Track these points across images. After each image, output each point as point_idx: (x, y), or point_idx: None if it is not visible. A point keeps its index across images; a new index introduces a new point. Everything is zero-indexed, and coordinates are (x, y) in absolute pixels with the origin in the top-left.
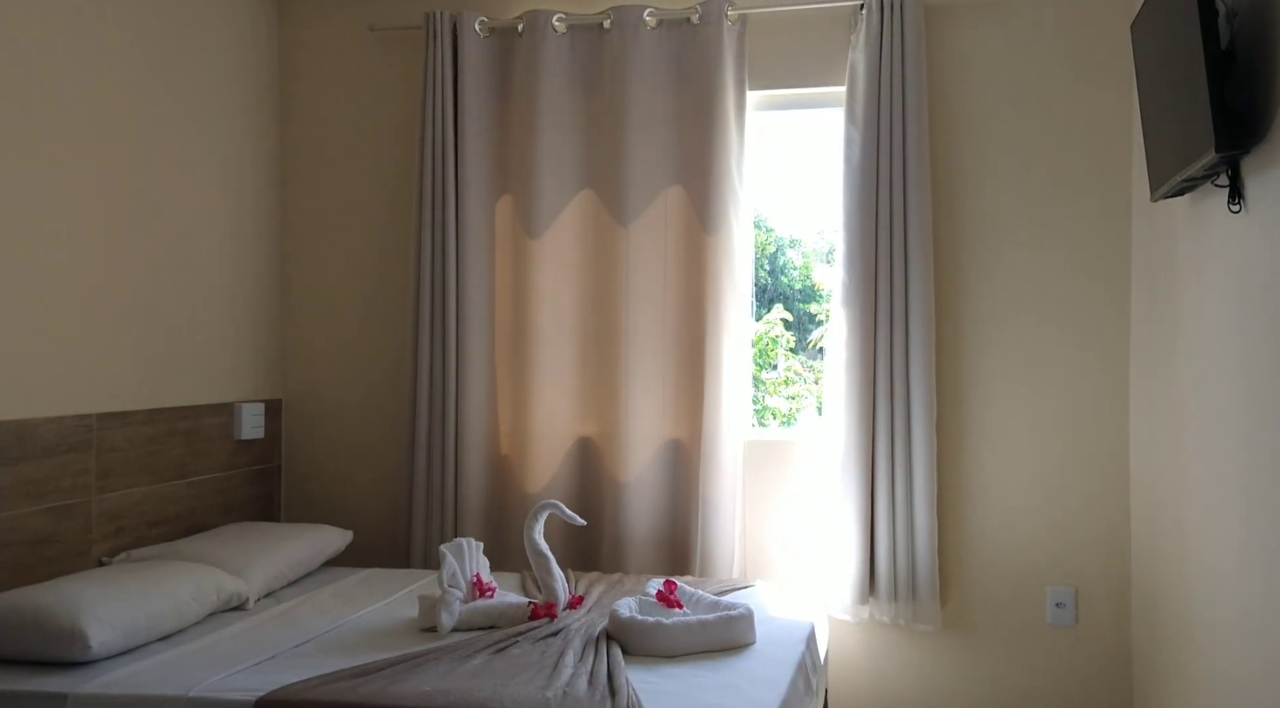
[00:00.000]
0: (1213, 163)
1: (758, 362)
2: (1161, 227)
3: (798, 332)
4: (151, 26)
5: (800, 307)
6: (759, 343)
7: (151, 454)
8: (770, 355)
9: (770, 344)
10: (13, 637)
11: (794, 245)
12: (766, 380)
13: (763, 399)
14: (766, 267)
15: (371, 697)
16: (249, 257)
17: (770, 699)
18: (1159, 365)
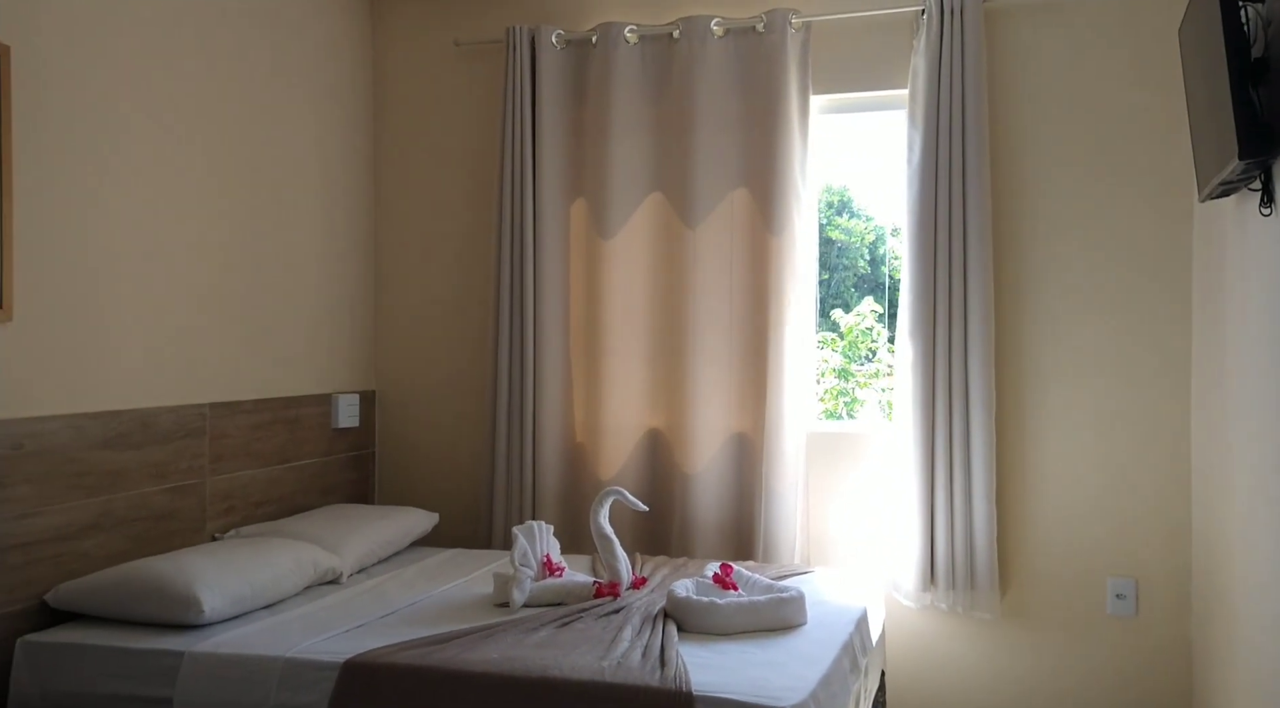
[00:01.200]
0: (1243, 167)
1: (847, 354)
2: (1214, 226)
3: (892, 325)
4: (256, 49)
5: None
6: (849, 334)
7: (257, 441)
8: (860, 348)
9: (862, 335)
10: (137, 601)
11: (895, 234)
12: (857, 373)
13: (853, 392)
14: (866, 256)
15: (445, 662)
16: (345, 259)
17: (811, 675)
18: (1217, 361)
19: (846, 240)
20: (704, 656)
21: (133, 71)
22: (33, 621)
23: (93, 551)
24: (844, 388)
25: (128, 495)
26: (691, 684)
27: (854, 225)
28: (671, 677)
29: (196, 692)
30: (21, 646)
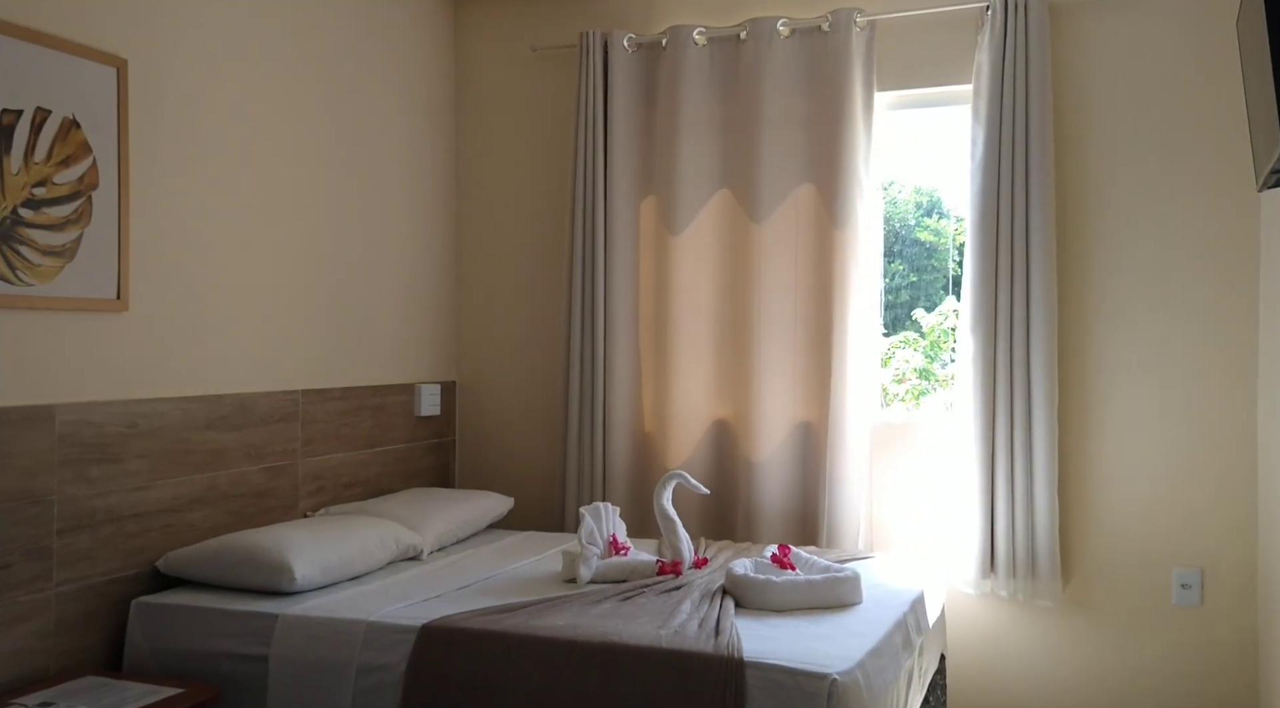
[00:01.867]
0: None
1: (929, 354)
2: (1277, 216)
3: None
4: (347, 57)
5: None
6: (930, 334)
7: (345, 426)
8: (942, 348)
9: (944, 336)
10: (237, 569)
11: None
12: (939, 373)
13: (934, 391)
14: (956, 257)
15: (513, 627)
16: (428, 256)
17: (857, 649)
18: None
19: (935, 241)
20: (758, 628)
21: (235, 81)
22: (145, 584)
23: (198, 522)
24: (926, 388)
25: (229, 473)
26: (743, 652)
27: (943, 226)
28: (724, 644)
29: (289, 650)
30: (135, 606)
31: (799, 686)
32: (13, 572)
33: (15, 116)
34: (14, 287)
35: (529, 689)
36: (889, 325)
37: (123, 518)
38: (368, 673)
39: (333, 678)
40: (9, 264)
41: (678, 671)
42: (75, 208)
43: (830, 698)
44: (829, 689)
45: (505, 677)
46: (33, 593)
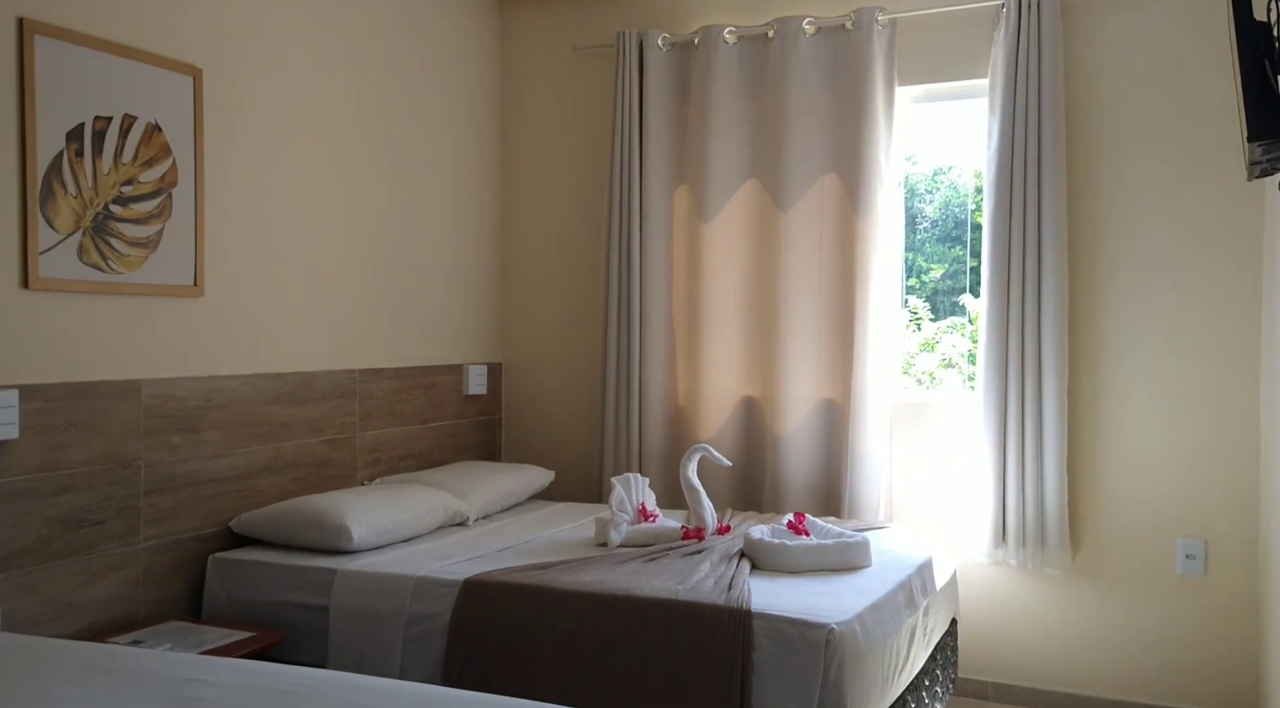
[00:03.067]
0: (1262, 148)
1: (975, 338)
2: (1276, 203)
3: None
4: (400, 57)
5: None
6: (975, 320)
7: (399, 403)
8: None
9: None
10: (300, 530)
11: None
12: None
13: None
14: None
15: (546, 581)
16: (475, 246)
17: (858, 604)
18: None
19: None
20: (770, 586)
21: (298, 86)
22: (220, 542)
23: (266, 488)
24: (972, 372)
25: (293, 444)
26: (751, 604)
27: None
28: (735, 598)
29: (347, 601)
30: (212, 561)
31: (801, 634)
32: (106, 527)
33: (106, 123)
34: (106, 275)
35: (558, 636)
36: (949, 310)
37: (200, 482)
38: (416, 622)
39: (385, 626)
40: (101, 255)
41: (692, 620)
42: (158, 204)
43: (828, 646)
44: (827, 638)
45: (538, 625)
46: (124, 546)
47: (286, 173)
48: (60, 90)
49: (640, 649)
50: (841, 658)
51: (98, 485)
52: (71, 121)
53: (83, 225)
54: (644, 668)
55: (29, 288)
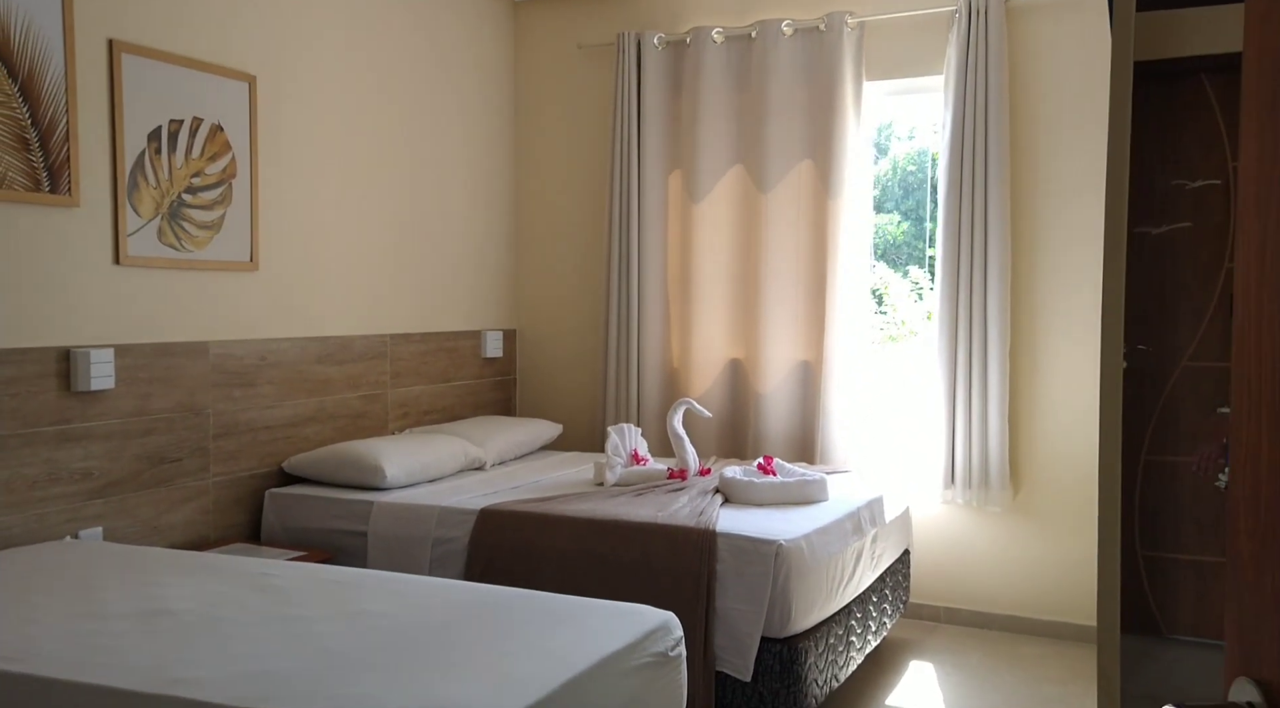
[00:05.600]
0: None
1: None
2: None
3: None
4: (423, 57)
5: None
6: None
7: (425, 364)
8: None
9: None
10: (342, 470)
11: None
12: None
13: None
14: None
15: (547, 510)
16: (492, 224)
17: (805, 526)
18: None
19: None
20: (736, 515)
21: (337, 87)
22: (275, 480)
23: (312, 435)
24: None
25: (334, 399)
26: (717, 526)
27: None
28: (703, 521)
29: (382, 527)
30: (269, 496)
31: (755, 549)
32: (182, 464)
33: (179, 124)
34: (180, 253)
35: (557, 554)
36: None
37: (257, 429)
38: (440, 544)
39: (415, 548)
40: (176, 236)
41: (667, 539)
42: (220, 192)
43: (777, 558)
44: (776, 551)
45: (541, 545)
46: (197, 480)
47: (327, 162)
48: (142, 98)
49: (625, 564)
50: (789, 569)
51: (176, 429)
52: (151, 124)
53: (161, 211)
54: (629, 579)
55: (120, 264)
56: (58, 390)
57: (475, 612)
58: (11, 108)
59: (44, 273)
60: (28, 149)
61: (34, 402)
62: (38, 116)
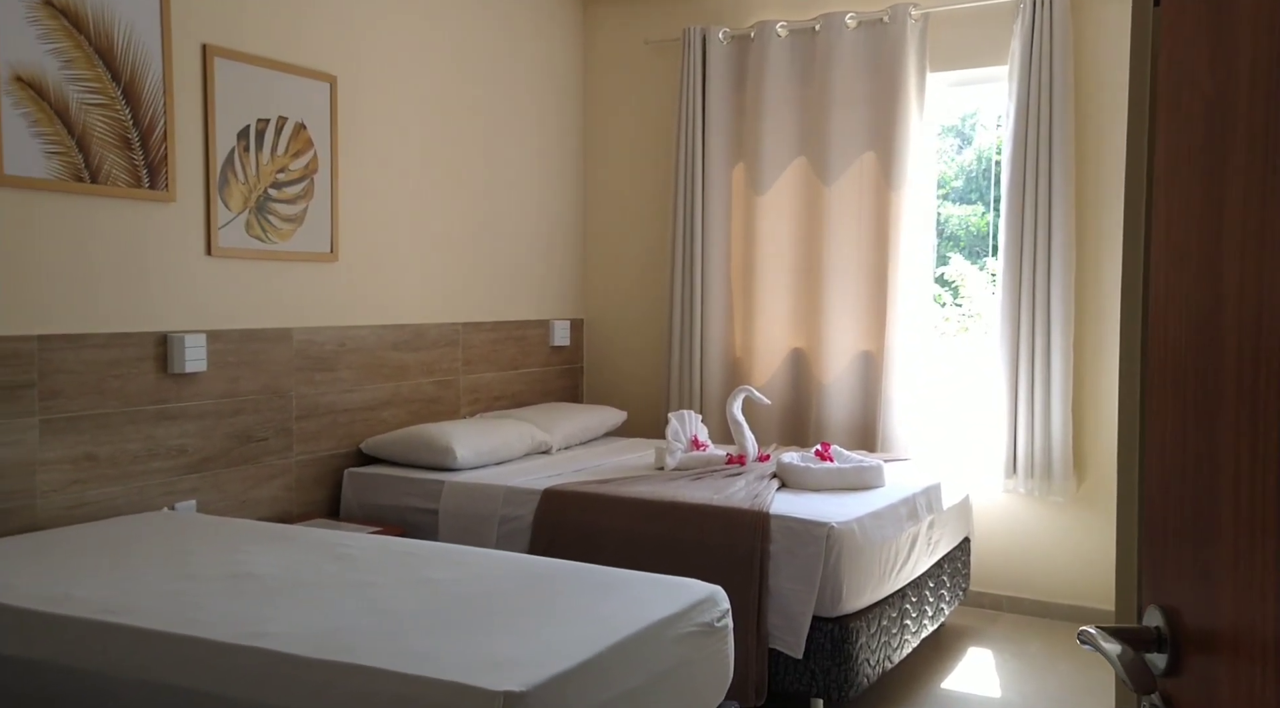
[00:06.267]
0: None
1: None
2: None
3: None
4: (497, 54)
5: None
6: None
7: (495, 352)
8: None
9: None
10: (416, 451)
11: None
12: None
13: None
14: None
15: (607, 491)
16: (560, 217)
17: (859, 510)
18: None
19: None
20: (792, 498)
21: (412, 85)
22: (353, 460)
23: (388, 418)
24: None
25: (409, 383)
26: (771, 509)
27: None
28: (758, 504)
29: (452, 505)
30: (347, 474)
31: (807, 530)
32: (268, 443)
33: (265, 123)
34: (266, 244)
35: (616, 534)
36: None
37: (337, 411)
38: (506, 522)
39: (482, 525)
40: (262, 229)
41: (722, 520)
42: (303, 187)
43: (828, 540)
44: (827, 533)
45: (601, 524)
46: (281, 459)
47: (402, 158)
48: (232, 99)
49: (681, 543)
50: (840, 551)
51: (262, 410)
52: (240, 123)
53: (248, 205)
54: (685, 558)
55: (211, 255)
56: (156, 373)
57: (530, 581)
58: (115, 110)
59: (143, 263)
60: (129, 148)
61: (135, 383)
62: (139, 118)
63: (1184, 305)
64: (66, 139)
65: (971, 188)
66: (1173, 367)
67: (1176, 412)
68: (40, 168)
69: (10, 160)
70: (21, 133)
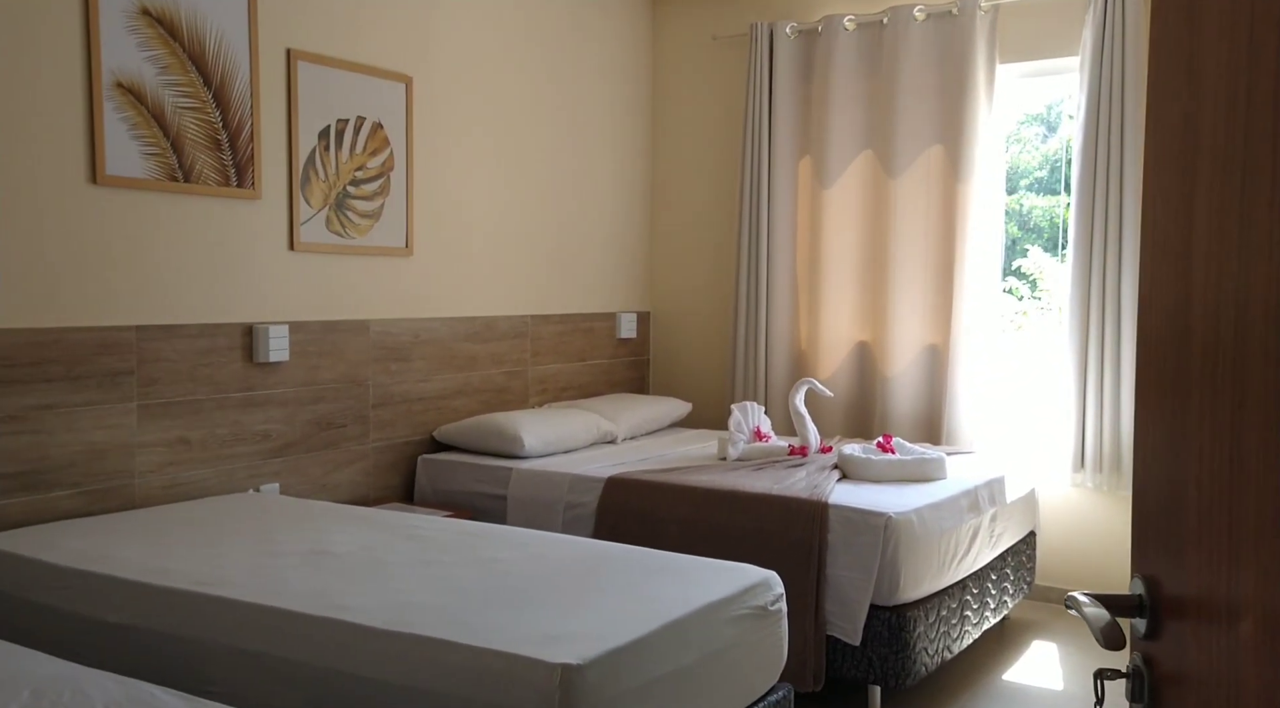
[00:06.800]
0: None
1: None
2: None
3: None
4: (567, 50)
5: None
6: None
7: (563, 343)
8: None
9: None
10: (486, 439)
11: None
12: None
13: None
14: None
15: (670, 479)
16: (628, 211)
17: (918, 501)
18: None
19: None
20: (852, 489)
21: (484, 85)
22: (426, 446)
23: (459, 407)
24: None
25: (479, 374)
26: (830, 499)
27: None
28: (817, 494)
29: (520, 491)
30: (421, 461)
31: (865, 521)
32: (346, 430)
33: (345, 123)
34: (344, 239)
35: (678, 520)
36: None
37: (411, 400)
38: (571, 508)
39: (548, 510)
40: (341, 224)
41: (782, 510)
42: (380, 184)
43: (886, 530)
44: (885, 524)
45: (663, 511)
46: (358, 445)
47: (475, 155)
48: (313, 100)
49: (741, 531)
50: (898, 541)
51: (341, 399)
52: (321, 123)
53: (328, 202)
54: (744, 545)
55: (293, 250)
56: (242, 361)
57: (590, 563)
58: (207, 113)
59: (231, 258)
60: (219, 149)
61: (224, 371)
62: (228, 120)
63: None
64: (162, 141)
65: (1056, 178)
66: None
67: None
68: (138, 168)
69: (112, 162)
70: (122, 136)
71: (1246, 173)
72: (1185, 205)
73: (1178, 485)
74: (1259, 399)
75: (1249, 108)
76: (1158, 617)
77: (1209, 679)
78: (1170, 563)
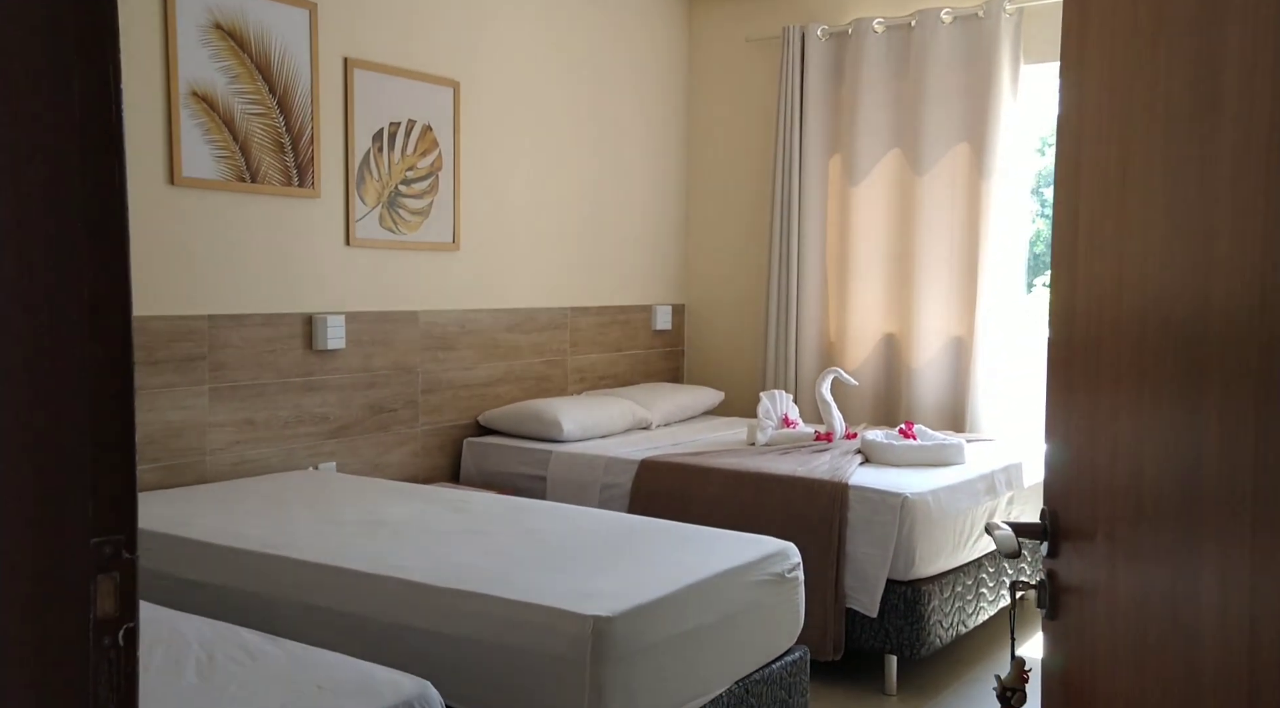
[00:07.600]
0: None
1: None
2: None
3: None
4: (606, 52)
5: None
6: None
7: (600, 334)
8: None
9: None
10: (527, 424)
11: None
12: None
13: None
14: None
15: (700, 462)
16: (663, 208)
17: (936, 483)
18: None
19: None
20: (873, 472)
21: (526, 87)
22: (471, 430)
23: (502, 394)
24: None
25: (521, 363)
26: (850, 481)
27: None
28: (838, 476)
29: (559, 473)
30: (466, 443)
31: (883, 500)
32: (398, 414)
33: (396, 126)
34: (395, 235)
35: (708, 500)
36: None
37: (457, 387)
38: (607, 488)
39: (585, 490)
40: (393, 221)
41: (805, 490)
42: (429, 183)
43: (902, 509)
44: (901, 503)
45: (693, 491)
46: (409, 428)
47: (518, 155)
48: (368, 105)
49: (767, 510)
50: (914, 519)
51: (392, 384)
52: (375, 126)
53: (381, 200)
54: (769, 523)
55: (350, 245)
56: (302, 349)
57: (621, 534)
58: (272, 118)
59: (293, 252)
60: (282, 151)
61: (286, 357)
62: (290, 124)
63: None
64: (231, 145)
65: None
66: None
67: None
68: (210, 170)
69: (188, 164)
70: (196, 141)
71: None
72: (1071, 217)
73: (1066, 446)
74: (1110, 386)
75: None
76: (1056, 540)
77: (1088, 585)
78: (1066, 500)
